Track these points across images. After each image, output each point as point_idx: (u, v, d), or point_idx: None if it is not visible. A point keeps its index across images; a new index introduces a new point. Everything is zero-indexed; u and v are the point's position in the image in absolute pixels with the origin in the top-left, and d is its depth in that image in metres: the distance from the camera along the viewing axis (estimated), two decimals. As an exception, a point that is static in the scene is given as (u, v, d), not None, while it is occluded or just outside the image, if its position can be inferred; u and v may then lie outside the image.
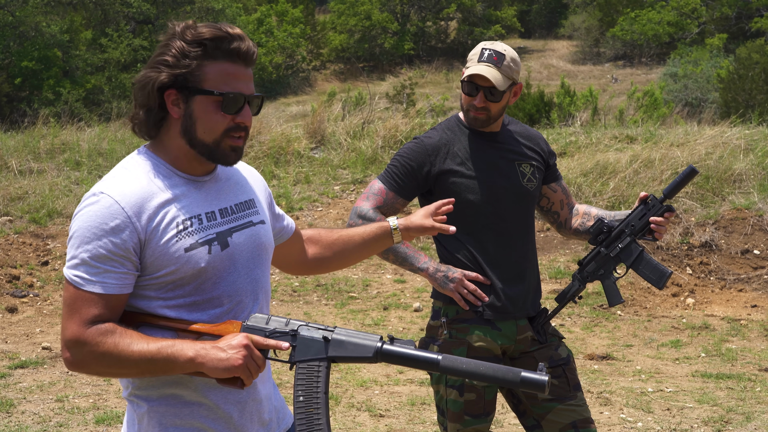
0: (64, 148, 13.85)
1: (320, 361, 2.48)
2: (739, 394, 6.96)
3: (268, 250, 2.73)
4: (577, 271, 4.08)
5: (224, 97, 2.46)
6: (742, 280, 9.87)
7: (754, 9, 36.15)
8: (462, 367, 2.45)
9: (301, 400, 2.47)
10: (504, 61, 3.86)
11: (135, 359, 2.38)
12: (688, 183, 3.92)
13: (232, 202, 2.64)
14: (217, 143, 2.51)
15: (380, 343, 2.47)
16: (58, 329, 8.69)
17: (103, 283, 2.40)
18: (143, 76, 2.49)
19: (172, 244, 2.45)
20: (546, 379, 2.42)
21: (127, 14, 36.49)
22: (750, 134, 13.04)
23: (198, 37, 2.44)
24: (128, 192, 2.44)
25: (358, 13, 40.39)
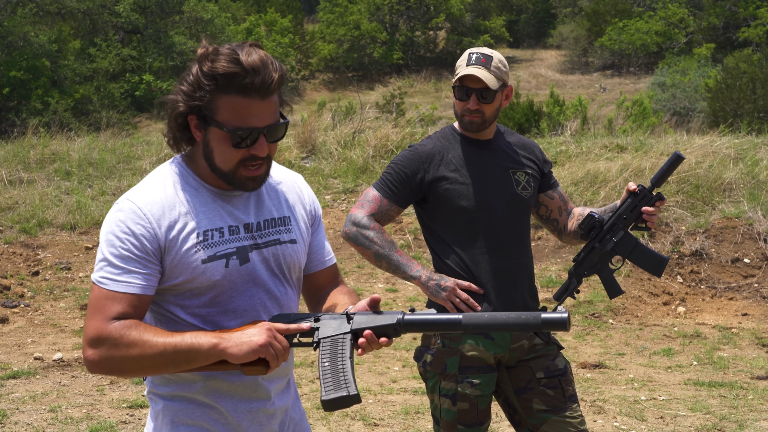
0: (54, 158, 13.83)
1: (344, 335, 2.54)
2: (732, 402, 6.98)
3: (293, 268, 2.73)
4: (572, 267, 4.09)
5: (232, 134, 2.49)
6: (732, 289, 9.91)
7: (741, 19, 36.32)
8: (483, 321, 2.50)
9: (326, 365, 2.50)
10: (492, 62, 3.90)
11: (159, 349, 2.42)
12: (674, 170, 3.93)
13: (262, 218, 2.68)
14: (233, 173, 2.55)
15: (402, 314, 2.53)
16: (49, 339, 8.67)
17: (126, 283, 2.47)
18: (169, 99, 2.56)
19: (191, 255, 2.52)
20: (566, 317, 2.45)
21: (115, 24, 36.45)
22: (739, 143, 13.10)
23: (212, 71, 2.46)
24: (152, 200, 2.53)
25: (347, 23, 40.41)
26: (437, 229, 4.00)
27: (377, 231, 3.93)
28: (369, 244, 3.92)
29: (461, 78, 3.92)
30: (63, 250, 10.77)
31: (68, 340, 8.64)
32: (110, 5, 35.81)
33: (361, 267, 10.41)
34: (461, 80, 3.93)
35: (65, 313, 9.39)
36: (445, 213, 3.95)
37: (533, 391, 3.93)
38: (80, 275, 10.22)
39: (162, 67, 35.04)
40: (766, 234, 10.38)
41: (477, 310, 3.86)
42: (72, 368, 7.86)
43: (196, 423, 2.62)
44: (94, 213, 11.46)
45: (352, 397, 2.46)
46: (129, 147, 14.60)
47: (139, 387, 7.34)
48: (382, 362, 8.06)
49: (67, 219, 11.32)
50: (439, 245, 4.00)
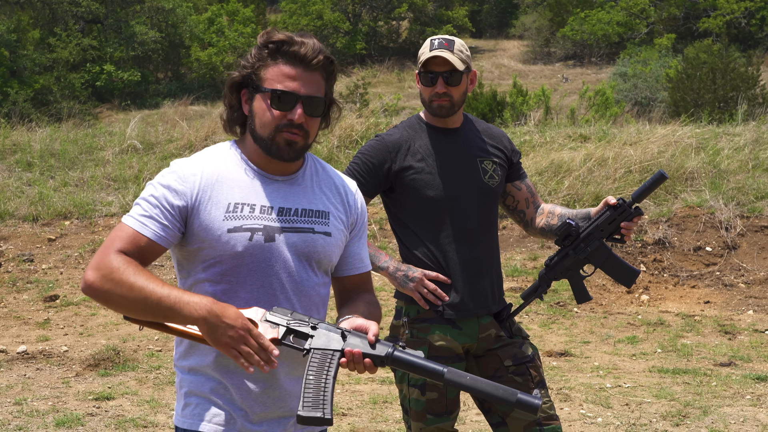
0: (15, 149, 13.70)
1: (335, 352, 2.60)
2: (696, 389, 7.06)
3: (322, 260, 2.82)
4: (543, 270, 4.10)
5: (272, 93, 2.68)
6: (695, 277, 10.01)
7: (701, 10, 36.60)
8: (464, 381, 2.62)
9: (310, 378, 2.57)
10: (455, 45, 3.93)
11: (146, 294, 2.54)
12: (657, 188, 3.96)
13: (300, 207, 2.79)
14: (271, 138, 2.71)
15: (392, 348, 2.61)
16: (12, 331, 8.60)
17: (143, 225, 2.63)
18: (228, 77, 2.77)
19: (218, 222, 2.67)
20: (539, 403, 2.59)
21: (75, 13, 36.07)
22: (701, 133, 13.23)
23: (266, 40, 2.71)
24: (195, 165, 2.72)
25: (309, 13, 40.27)
26: (404, 219, 4.00)
27: (344, 222, 3.92)
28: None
29: (426, 63, 3.92)
30: (25, 241, 10.67)
31: (32, 333, 8.57)
32: (70, -6, 35.45)
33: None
34: (426, 65, 3.93)
35: (28, 305, 9.31)
36: (411, 203, 3.95)
37: (502, 378, 3.95)
38: (43, 267, 10.13)
39: (123, 57, 34.73)
40: (728, 222, 10.50)
41: (444, 300, 3.87)
42: (37, 361, 7.80)
43: (204, 395, 2.73)
44: (56, 204, 11.36)
45: (326, 420, 2.54)
46: (91, 137, 14.49)
47: (105, 379, 7.30)
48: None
49: (29, 210, 11.23)
50: (406, 235, 4.00)
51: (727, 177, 11.51)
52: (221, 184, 2.70)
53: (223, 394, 2.72)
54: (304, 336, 2.62)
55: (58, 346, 8.17)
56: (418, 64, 4.00)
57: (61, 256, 10.34)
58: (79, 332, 8.58)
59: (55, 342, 8.30)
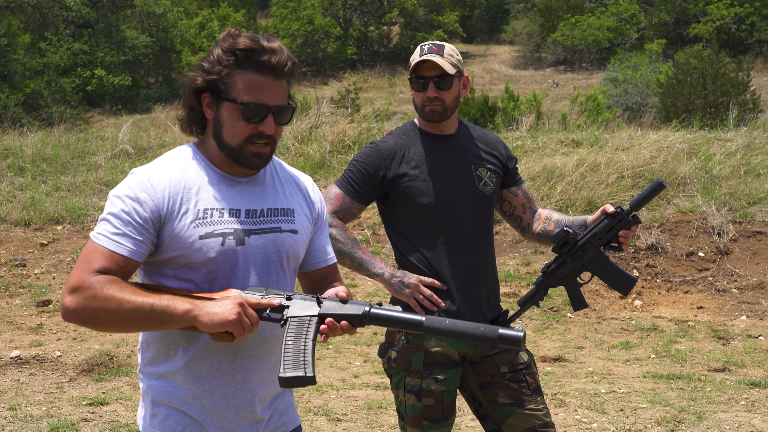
0: (7, 154, 13.67)
1: (311, 317, 2.63)
2: (690, 395, 7.07)
3: (290, 258, 2.82)
4: (540, 277, 4.09)
5: (245, 106, 2.64)
6: (687, 282, 10.03)
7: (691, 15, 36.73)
8: (443, 326, 2.61)
9: (289, 343, 2.58)
10: (445, 50, 3.93)
11: (136, 305, 2.50)
12: (655, 196, 3.97)
13: (266, 207, 2.78)
14: (240, 148, 2.68)
15: (369, 306, 2.64)
16: (5, 336, 8.57)
17: (118, 243, 2.58)
18: (188, 76, 2.72)
19: (189, 229, 2.63)
20: (521, 335, 2.57)
21: (66, 18, 36.04)
22: (692, 138, 13.27)
23: (232, 47, 2.64)
24: (160, 173, 2.67)
25: (300, 18, 40.30)
26: (399, 226, 4.00)
27: (340, 228, 3.92)
28: (332, 242, 3.91)
29: (416, 68, 3.92)
30: (17, 246, 10.64)
31: (25, 338, 8.54)
32: (61, -1, 35.41)
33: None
34: (416, 70, 3.93)
35: (21, 310, 9.28)
36: (406, 210, 3.95)
37: (498, 385, 3.95)
38: (35, 272, 10.10)
39: (114, 62, 34.72)
40: (720, 228, 10.52)
41: (440, 306, 3.87)
42: (30, 366, 7.77)
43: (173, 405, 2.70)
44: (48, 209, 11.33)
45: (308, 378, 2.54)
46: (83, 142, 14.47)
47: (99, 384, 7.28)
48: (343, 357, 8.07)
49: (21, 215, 11.19)
50: (401, 242, 4.00)
51: (719, 182, 11.54)
52: (188, 191, 2.66)
53: (192, 404, 2.70)
54: (280, 308, 2.64)
55: (51, 351, 8.14)
56: (409, 70, 4.00)
57: (53, 261, 10.32)
58: (73, 337, 8.55)
59: (49, 347, 8.27)
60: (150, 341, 2.74)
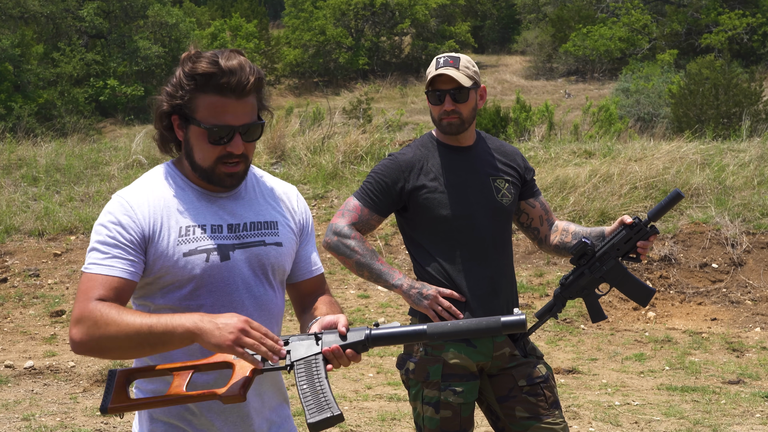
0: (21, 164, 13.70)
1: (316, 356, 2.60)
2: (705, 407, 7.04)
3: (276, 271, 2.80)
4: (558, 289, 4.09)
5: (209, 130, 2.63)
6: (701, 294, 10.00)
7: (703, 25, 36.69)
8: (446, 329, 2.61)
9: (304, 388, 2.56)
10: (460, 62, 3.93)
11: (136, 328, 2.49)
12: (673, 207, 3.97)
13: (248, 220, 2.76)
14: (211, 170, 2.68)
15: (369, 330, 2.62)
16: (19, 347, 8.59)
17: (110, 266, 2.59)
18: (155, 100, 2.72)
19: (172, 248, 2.64)
20: (523, 317, 2.58)
21: (79, 28, 36.19)
22: (705, 149, 13.23)
23: (192, 71, 2.62)
24: (140, 195, 2.68)
25: (312, 28, 40.37)
26: (418, 238, 4.00)
27: (358, 240, 3.93)
28: (350, 254, 3.92)
29: (432, 81, 3.94)
30: (31, 256, 10.67)
31: (39, 348, 8.56)
32: (74, 9, 35.57)
33: (333, 273, 10.40)
34: (432, 83, 3.94)
35: (35, 320, 9.30)
36: (425, 222, 3.96)
37: (516, 398, 3.94)
38: (49, 282, 10.13)
39: (126, 72, 34.84)
40: (734, 239, 10.49)
41: (459, 317, 3.86)
42: (44, 376, 7.79)
43: (171, 421, 2.71)
44: (62, 219, 11.36)
45: (336, 417, 2.53)
46: (96, 152, 14.50)
47: (113, 395, 7.28)
48: (356, 369, 8.06)
49: (34, 225, 11.22)
50: (420, 253, 4.00)
51: (732, 193, 11.51)
52: (169, 210, 2.67)
53: (191, 420, 2.70)
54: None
55: (65, 361, 8.16)
56: (425, 84, 4.01)
57: (66, 271, 10.34)
58: (86, 348, 8.56)
59: (62, 357, 8.29)
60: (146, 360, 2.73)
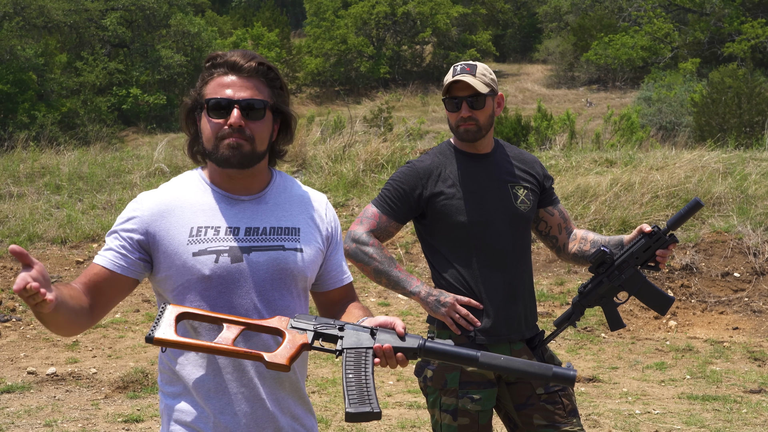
0: (44, 172, 13.81)
1: (367, 349, 2.62)
2: (726, 416, 7.01)
3: (296, 277, 2.79)
4: (577, 297, 4.09)
5: (207, 103, 2.71)
6: (722, 303, 9.95)
7: (726, 34, 36.53)
8: (499, 363, 2.64)
9: (350, 377, 2.58)
10: (477, 70, 3.95)
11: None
12: (692, 215, 3.96)
13: (269, 225, 2.77)
14: (216, 148, 2.71)
15: (423, 340, 2.63)
16: (42, 353, 8.64)
17: (103, 257, 2.70)
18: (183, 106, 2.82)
19: (182, 247, 2.67)
20: (574, 374, 2.63)
21: (102, 38, 36.41)
22: (727, 158, 13.18)
23: (206, 60, 2.79)
24: (157, 196, 2.75)
25: (333, 37, 40.45)
26: (436, 245, 4.01)
27: (376, 247, 3.94)
28: (368, 261, 3.94)
29: (449, 88, 3.95)
30: (54, 264, 10.74)
31: (61, 354, 8.62)
32: (97, 19, 35.78)
33: (353, 281, 10.41)
34: (449, 91, 3.96)
35: (57, 327, 9.35)
36: (443, 228, 3.97)
37: (533, 406, 3.95)
38: (72, 289, 10.19)
39: (149, 81, 35.01)
40: (756, 248, 10.44)
41: (476, 325, 3.88)
42: (66, 382, 7.84)
43: (189, 425, 2.71)
44: (84, 227, 11.43)
45: (375, 413, 2.54)
46: (119, 161, 14.59)
47: (134, 401, 7.32)
48: (376, 376, 8.07)
49: (57, 233, 11.30)
50: (438, 260, 4.01)
51: (754, 202, 11.45)
52: (182, 210, 2.71)
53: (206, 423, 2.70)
54: (333, 338, 2.63)
55: (87, 368, 8.21)
56: (442, 91, 4.03)
57: (89, 279, 10.40)
58: (108, 354, 8.62)
59: (84, 364, 8.34)
60: (166, 361, 2.76)
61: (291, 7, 52.62)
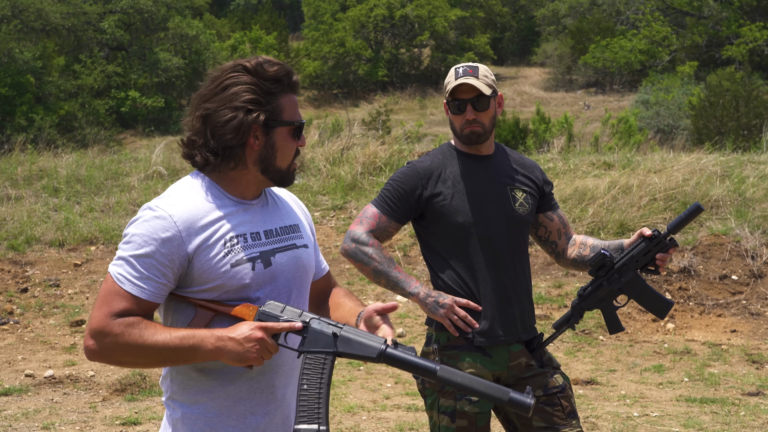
0: (42, 175, 13.80)
1: (327, 355, 2.61)
2: (724, 419, 7.01)
3: (309, 273, 2.88)
4: (576, 301, 4.08)
5: (296, 126, 2.77)
6: (720, 306, 9.95)
7: (724, 37, 36.59)
8: (456, 379, 2.61)
9: (305, 388, 2.58)
10: (479, 71, 3.95)
11: (158, 348, 2.55)
12: (692, 220, 3.97)
13: (278, 225, 2.81)
14: (288, 168, 2.78)
15: (384, 346, 2.62)
16: (39, 356, 8.63)
17: (141, 288, 2.59)
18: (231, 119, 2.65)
19: (219, 260, 2.64)
20: (531, 402, 2.58)
21: (100, 41, 36.42)
22: (725, 161, 13.19)
23: (276, 75, 2.72)
24: (181, 209, 2.64)
25: (331, 40, 40.49)
26: (434, 245, 4.01)
27: (376, 247, 3.94)
28: (368, 261, 3.94)
29: (453, 91, 3.95)
30: (51, 267, 10.73)
31: (59, 357, 8.61)
32: (95, 22, 35.79)
33: (351, 284, 10.42)
34: (453, 94, 3.96)
35: (55, 330, 9.35)
36: (442, 229, 3.97)
37: (532, 407, 3.94)
38: (69, 292, 10.18)
39: (147, 84, 35.02)
40: (754, 251, 10.45)
41: (475, 327, 3.87)
42: (64, 385, 7.83)
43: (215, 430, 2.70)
44: (82, 230, 11.42)
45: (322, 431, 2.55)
46: (117, 164, 14.59)
47: (132, 404, 7.32)
48: (374, 379, 8.07)
49: (55, 236, 11.29)
50: (436, 261, 4.01)
51: (752, 205, 11.46)
52: (211, 222, 2.66)
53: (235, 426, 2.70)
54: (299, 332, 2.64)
55: (84, 370, 8.20)
56: (445, 94, 4.02)
57: (86, 281, 10.40)
58: (105, 357, 8.60)
59: (82, 367, 8.33)
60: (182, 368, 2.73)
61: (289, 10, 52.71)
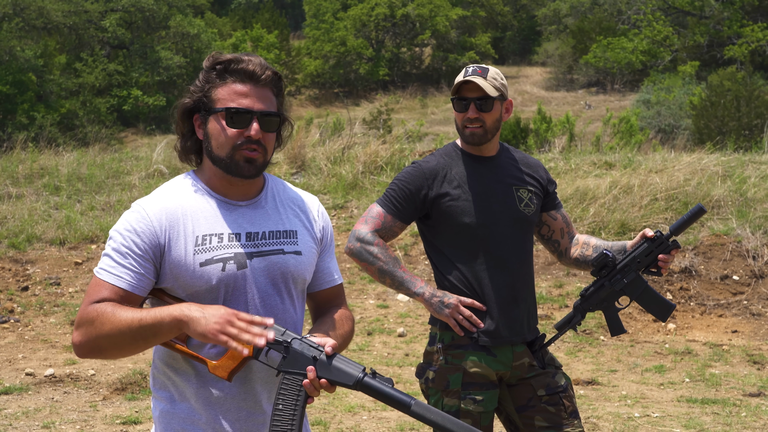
0: (43, 173, 13.80)
1: (304, 377, 2.60)
2: (725, 419, 7.00)
3: (296, 279, 2.80)
4: (578, 301, 4.08)
5: (226, 112, 2.68)
6: (722, 306, 9.95)
7: (725, 37, 36.58)
8: (429, 416, 2.60)
9: (280, 408, 2.58)
10: (489, 73, 3.94)
11: (127, 323, 2.53)
12: (695, 221, 3.96)
13: (267, 229, 2.77)
14: (230, 157, 2.69)
15: (362, 374, 2.60)
16: (40, 355, 8.63)
17: (118, 277, 2.61)
18: (178, 105, 2.75)
19: (188, 257, 2.64)
20: None
21: (101, 39, 36.44)
22: (727, 161, 13.18)
23: (215, 60, 2.72)
24: (159, 205, 2.68)
25: (333, 39, 40.51)
26: (440, 246, 4.00)
27: (381, 247, 3.93)
28: (373, 260, 3.93)
29: (458, 88, 3.95)
30: (52, 265, 10.73)
31: (59, 356, 8.60)
32: (96, 20, 35.80)
33: (352, 283, 10.41)
34: (458, 91, 3.95)
35: (55, 328, 9.35)
36: (447, 229, 3.96)
37: (534, 408, 3.94)
38: (70, 290, 10.18)
39: (148, 82, 35.03)
40: (755, 251, 10.44)
41: (480, 327, 3.86)
42: (64, 384, 7.82)
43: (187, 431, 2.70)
44: (83, 228, 11.42)
45: None
46: (118, 162, 14.59)
47: (132, 403, 7.31)
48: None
49: (56, 234, 11.29)
50: (441, 261, 4.00)
51: (753, 205, 11.45)
52: (186, 218, 2.67)
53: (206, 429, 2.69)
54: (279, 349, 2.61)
55: (85, 369, 8.20)
56: (452, 91, 4.02)
57: (87, 280, 10.39)
58: (106, 356, 8.60)
59: (83, 365, 8.33)
60: (160, 366, 2.74)
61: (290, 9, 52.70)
